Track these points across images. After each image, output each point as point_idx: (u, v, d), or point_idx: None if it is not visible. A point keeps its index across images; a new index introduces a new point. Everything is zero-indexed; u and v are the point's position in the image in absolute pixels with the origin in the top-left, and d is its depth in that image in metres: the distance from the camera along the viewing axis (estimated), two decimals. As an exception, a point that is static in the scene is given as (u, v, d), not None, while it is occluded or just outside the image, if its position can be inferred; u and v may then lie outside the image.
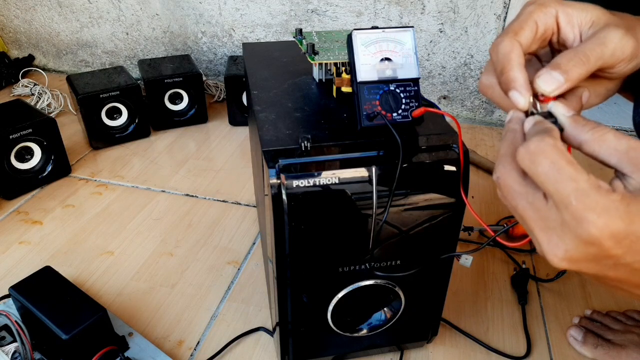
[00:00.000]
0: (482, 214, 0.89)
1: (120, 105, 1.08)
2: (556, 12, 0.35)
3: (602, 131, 0.31)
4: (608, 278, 0.31)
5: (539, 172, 0.30)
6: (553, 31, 0.36)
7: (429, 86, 1.23)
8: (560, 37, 0.36)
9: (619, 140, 0.30)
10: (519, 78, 0.34)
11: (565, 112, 0.33)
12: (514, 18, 0.36)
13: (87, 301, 0.60)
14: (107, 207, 0.92)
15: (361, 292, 0.53)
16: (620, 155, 0.30)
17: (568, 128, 0.32)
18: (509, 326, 0.69)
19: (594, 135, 0.31)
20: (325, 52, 0.57)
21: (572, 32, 0.36)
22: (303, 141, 0.45)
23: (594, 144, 0.31)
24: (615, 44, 0.33)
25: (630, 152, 0.30)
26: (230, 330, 0.68)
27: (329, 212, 0.47)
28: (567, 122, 0.32)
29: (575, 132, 0.32)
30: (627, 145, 0.30)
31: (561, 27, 0.36)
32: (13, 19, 1.46)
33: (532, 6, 0.36)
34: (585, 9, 0.35)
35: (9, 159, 0.92)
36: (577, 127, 0.32)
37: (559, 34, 0.36)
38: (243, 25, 1.28)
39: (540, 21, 0.35)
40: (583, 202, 0.28)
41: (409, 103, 0.48)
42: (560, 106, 0.33)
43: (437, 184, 0.48)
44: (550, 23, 0.35)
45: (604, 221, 0.28)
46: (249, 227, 0.87)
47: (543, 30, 0.35)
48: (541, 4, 0.35)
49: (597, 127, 0.31)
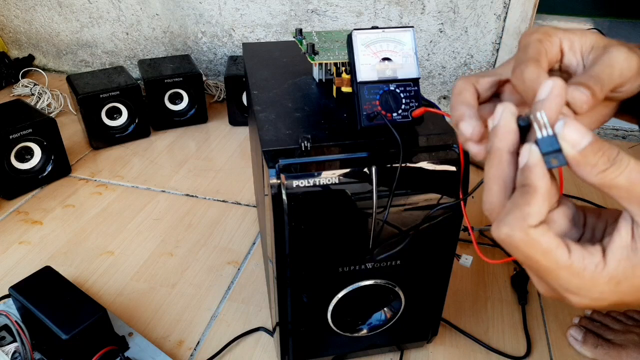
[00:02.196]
0: (481, 214, 0.89)
1: (120, 105, 1.08)
2: (560, 40, 0.35)
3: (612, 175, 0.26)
4: None
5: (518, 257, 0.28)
6: (557, 59, 0.36)
7: (429, 86, 1.23)
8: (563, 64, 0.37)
9: (632, 185, 0.26)
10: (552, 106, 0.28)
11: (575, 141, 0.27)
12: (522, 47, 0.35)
13: (87, 301, 0.60)
14: (107, 207, 0.92)
15: (361, 292, 0.53)
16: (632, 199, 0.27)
17: (573, 167, 0.27)
18: (509, 326, 0.69)
19: (603, 181, 0.27)
20: (325, 52, 0.57)
21: (575, 58, 0.36)
22: (303, 141, 0.45)
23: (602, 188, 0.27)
24: (621, 64, 0.33)
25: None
26: (230, 330, 0.68)
27: (329, 212, 0.47)
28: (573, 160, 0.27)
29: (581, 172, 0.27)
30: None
31: (564, 53, 0.36)
32: (13, 19, 1.46)
33: (538, 34, 0.35)
34: (585, 34, 0.36)
35: (9, 159, 0.92)
36: (584, 168, 0.27)
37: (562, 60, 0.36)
38: (243, 25, 1.28)
39: (549, 50, 0.35)
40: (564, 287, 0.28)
41: (409, 103, 0.48)
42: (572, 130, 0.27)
43: (437, 184, 0.48)
44: (556, 52, 0.35)
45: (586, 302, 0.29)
46: (249, 227, 0.87)
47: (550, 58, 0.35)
48: (546, 32, 0.35)
49: (607, 170, 0.26)
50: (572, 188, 0.95)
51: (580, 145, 0.26)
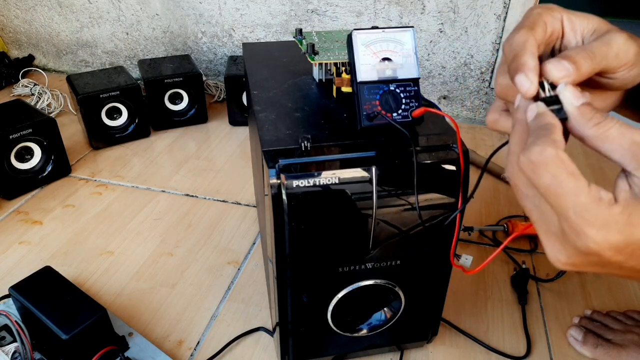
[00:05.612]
0: (482, 214, 0.89)
1: (120, 105, 1.08)
2: (561, 17, 0.36)
3: (605, 127, 0.30)
4: (615, 275, 0.32)
5: (540, 184, 0.30)
6: (558, 36, 0.36)
7: (429, 86, 1.23)
8: (563, 43, 0.37)
9: (623, 136, 0.29)
10: (529, 62, 0.33)
11: (573, 99, 0.32)
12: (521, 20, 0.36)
13: (87, 301, 0.60)
14: (107, 207, 0.92)
15: (361, 292, 0.53)
16: (623, 151, 0.29)
17: (572, 120, 0.31)
18: (509, 326, 0.69)
19: (598, 132, 0.30)
20: (325, 52, 0.57)
21: (575, 39, 0.36)
22: (303, 141, 0.45)
23: (596, 140, 0.30)
24: (619, 46, 0.34)
25: (633, 148, 0.29)
26: (230, 330, 0.68)
27: (329, 212, 0.47)
28: (573, 113, 0.31)
29: (579, 125, 0.31)
30: (630, 140, 0.29)
31: (565, 32, 0.36)
32: (13, 19, 1.46)
33: (539, 9, 0.36)
34: (587, 17, 0.36)
35: (9, 159, 0.92)
36: (581, 120, 0.31)
37: (562, 39, 0.37)
38: (243, 25, 1.28)
39: (549, 23, 0.36)
40: (582, 216, 0.28)
41: (409, 103, 0.48)
42: (570, 91, 0.32)
43: (437, 184, 0.48)
44: (557, 27, 0.36)
45: (602, 236, 0.28)
46: (249, 227, 0.87)
47: (550, 32, 0.36)
48: (548, 7, 0.36)
49: (601, 123, 0.30)
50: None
51: (578, 102, 0.31)
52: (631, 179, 0.29)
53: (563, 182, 0.29)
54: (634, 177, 0.29)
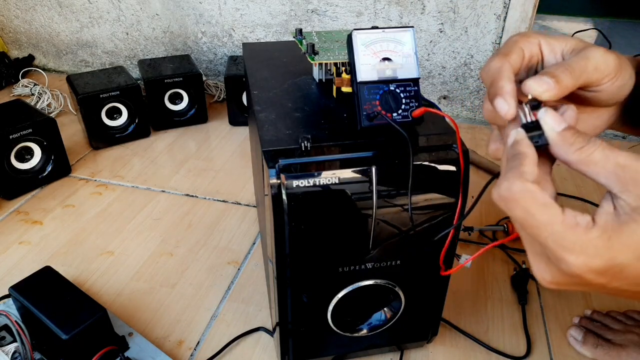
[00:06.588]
0: (482, 214, 0.89)
1: (120, 105, 1.08)
2: (539, 42, 0.37)
3: (588, 150, 0.30)
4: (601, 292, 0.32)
5: (515, 217, 0.30)
6: (538, 59, 0.38)
7: (429, 86, 1.23)
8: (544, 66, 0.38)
9: (607, 159, 0.29)
10: (506, 86, 0.34)
11: (555, 125, 0.32)
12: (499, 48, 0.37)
13: (87, 301, 0.60)
14: (107, 207, 0.92)
15: (361, 292, 0.53)
16: (608, 174, 0.29)
17: (554, 146, 0.31)
18: (509, 326, 0.69)
19: (580, 156, 0.30)
20: (325, 52, 0.57)
21: (555, 59, 0.37)
22: (303, 141, 0.45)
23: (580, 165, 0.30)
24: (597, 59, 0.34)
25: (617, 171, 0.29)
26: (230, 330, 0.68)
27: (329, 212, 0.47)
28: (554, 139, 0.31)
29: (561, 150, 0.31)
30: (614, 163, 0.29)
31: (544, 55, 0.37)
32: (13, 19, 1.46)
33: (516, 36, 0.38)
34: (565, 39, 0.37)
35: (9, 159, 0.92)
36: (563, 145, 0.31)
37: (542, 62, 0.38)
38: (243, 25, 1.28)
39: (526, 48, 0.37)
40: (560, 244, 0.29)
41: (409, 103, 0.48)
42: (550, 116, 0.32)
43: (437, 184, 0.48)
44: (535, 51, 0.37)
45: (582, 260, 0.29)
46: (249, 227, 0.87)
47: (529, 56, 0.37)
48: (524, 34, 0.37)
49: (584, 147, 0.30)
50: (572, 188, 0.95)
51: (559, 127, 0.31)
52: (617, 201, 0.29)
53: (536, 215, 0.29)
54: (620, 199, 0.29)
